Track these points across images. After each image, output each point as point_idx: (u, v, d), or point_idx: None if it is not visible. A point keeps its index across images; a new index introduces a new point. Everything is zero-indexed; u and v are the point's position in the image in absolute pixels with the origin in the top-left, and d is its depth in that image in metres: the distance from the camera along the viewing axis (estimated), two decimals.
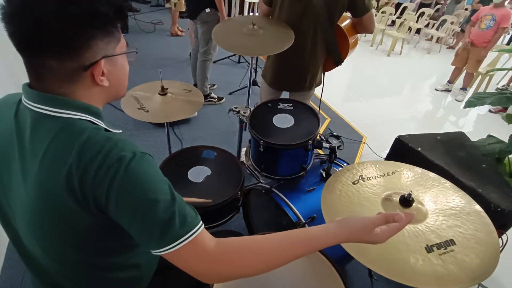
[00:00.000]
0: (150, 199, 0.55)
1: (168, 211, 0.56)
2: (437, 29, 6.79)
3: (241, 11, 5.54)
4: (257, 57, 3.56)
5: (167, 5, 4.85)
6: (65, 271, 0.69)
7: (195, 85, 3.17)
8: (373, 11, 1.65)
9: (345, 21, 1.77)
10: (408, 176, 1.09)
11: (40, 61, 0.56)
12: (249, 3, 5.58)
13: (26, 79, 0.60)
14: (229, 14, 5.61)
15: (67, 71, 0.57)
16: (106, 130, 0.62)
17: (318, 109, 1.89)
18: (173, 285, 0.93)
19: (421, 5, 7.19)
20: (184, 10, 4.75)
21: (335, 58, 1.80)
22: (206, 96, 3.17)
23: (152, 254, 0.58)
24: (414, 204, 0.93)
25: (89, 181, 0.54)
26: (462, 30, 6.37)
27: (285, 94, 2.02)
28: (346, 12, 1.72)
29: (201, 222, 0.61)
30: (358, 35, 1.89)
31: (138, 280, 0.80)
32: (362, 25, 1.70)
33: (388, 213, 0.65)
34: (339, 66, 1.93)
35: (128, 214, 0.56)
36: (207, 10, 2.70)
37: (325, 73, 1.97)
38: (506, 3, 3.93)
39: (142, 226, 0.56)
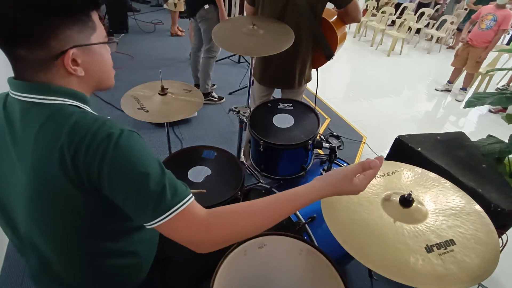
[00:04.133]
0: (141, 172, 0.57)
1: (160, 183, 0.58)
2: (437, 29, 6.79)
3: (241, 11, 5.53)
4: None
5: (165, 6, 4.85)
6: (65, 260, 0.69)
7: (196, 85, 3.17)
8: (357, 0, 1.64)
9: (334, 16, 1.77)
10: (408, 176, 1.09)
11: (11, 52, 0.57)
12: None
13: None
14: (229, 14, 5.60)
15: (38, 61, 0.57)
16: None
17: (314, 105, 1.88)
18: (171, 276, 0.93)
19: (420, 4, 7.19)
20: (184, 10, 4.76)
21: (325, 52, 1.78)
22: (207, 95, 3.17)
23: (149, 241, 0.60)
24: (414, 204, 0.93)
25: (80, 159, 0.56)
26: (459, 29, 6.36)
27: (277, 93, 2.02)
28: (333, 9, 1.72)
29: (191, 193, 0.63)
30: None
31: (138, 268, 0.80)
32: (348, 16, 1.69)
33: (363, 161, 0.70)
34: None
35: (120, 189, 0.58)
36: (206, 6, 2.69)
37: (320, 70, 1.96)
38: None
39: (136, 199, 0.58)
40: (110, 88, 0.72)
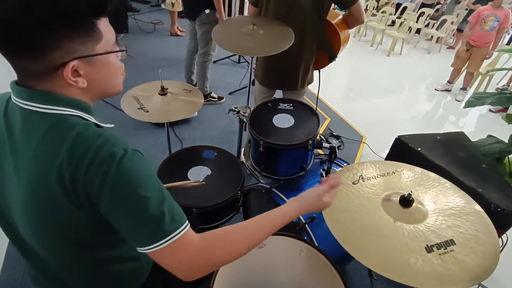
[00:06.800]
0: (142, 196, 0.56)
1: (160, 207, 0.57)
2: (437, 29, 6.79)
3: (241, 11, 5.53)
4: (257, 57, 3.56)
5: (162, 6, 4.85)
6: (65, 266, 0.69)
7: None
8: (361, 1, 1.64)
9: (337, 17, 1.77)
10: (408, 176, 1.09)
11: (12, 60, 0.55)
12: None
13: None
14: (229, 14, 5.60)
15: (39, 71, 0.55)
16: (97, 125, 0.61)
17: (315, 107, 1.88)
18: (171, 276, 0.93)
19: (423, 5, 7.19)
20: (182, 10, 4.75)
21: (329, 54, 1.78)
22: (207, 96, 3.17)
23: None
24: (414, 204, 0.93)
25: (80, 177, 0.54)
26: (459, 30, 6.36)
27: (279, 93, 2.02)
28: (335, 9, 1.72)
29: (187, 220, 0.63)
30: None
31: (139, 272, 0.81)
32: (351, 17, 1.70)
33: (330, 181, 0.83)
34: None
35: (120, 211, 0.57)
36: (207, 11, 2.67)
37: (321, 70, 1.96)
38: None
39: (133, 222, 0.57)
40: (116, 95, 0.69)
